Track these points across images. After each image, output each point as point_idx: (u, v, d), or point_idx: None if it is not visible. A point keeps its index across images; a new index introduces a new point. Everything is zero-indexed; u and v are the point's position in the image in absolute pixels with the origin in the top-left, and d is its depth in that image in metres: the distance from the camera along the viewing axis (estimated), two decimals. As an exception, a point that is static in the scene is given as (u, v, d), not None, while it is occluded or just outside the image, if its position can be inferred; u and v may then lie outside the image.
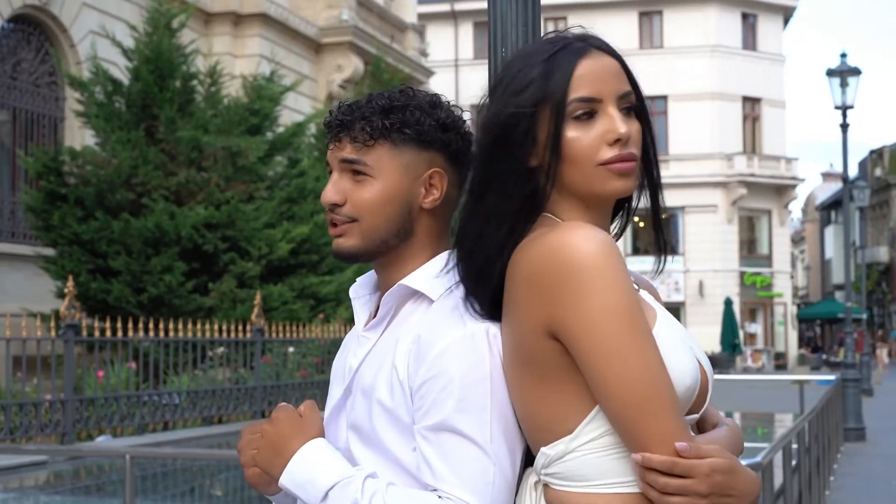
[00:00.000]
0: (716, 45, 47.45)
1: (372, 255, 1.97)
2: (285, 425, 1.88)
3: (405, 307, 1.95)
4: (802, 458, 8.79)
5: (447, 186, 1.96)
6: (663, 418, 1.65)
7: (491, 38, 2.18)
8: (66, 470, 11.07)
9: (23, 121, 19.43)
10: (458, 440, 1.77)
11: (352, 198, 1.94)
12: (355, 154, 1.94)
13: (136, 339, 13.23)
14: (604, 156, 1.79)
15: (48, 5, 19.52)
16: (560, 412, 1.73)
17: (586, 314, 1.66)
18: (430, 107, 1.97)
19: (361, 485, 1.79)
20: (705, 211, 46.92)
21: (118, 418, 12.51)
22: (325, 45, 27.05)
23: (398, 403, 1.85)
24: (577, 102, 1.79)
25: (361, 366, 1.96)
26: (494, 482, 1.76)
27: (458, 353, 1.79)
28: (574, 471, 1.72)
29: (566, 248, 1.68)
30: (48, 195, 16.37)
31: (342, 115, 1.97)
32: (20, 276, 18.17)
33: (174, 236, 15.97)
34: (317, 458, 1.84)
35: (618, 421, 1.68)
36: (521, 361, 1.75)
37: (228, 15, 24.35)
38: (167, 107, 16.72)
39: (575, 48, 1.82)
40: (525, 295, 1.73)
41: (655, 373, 1.66)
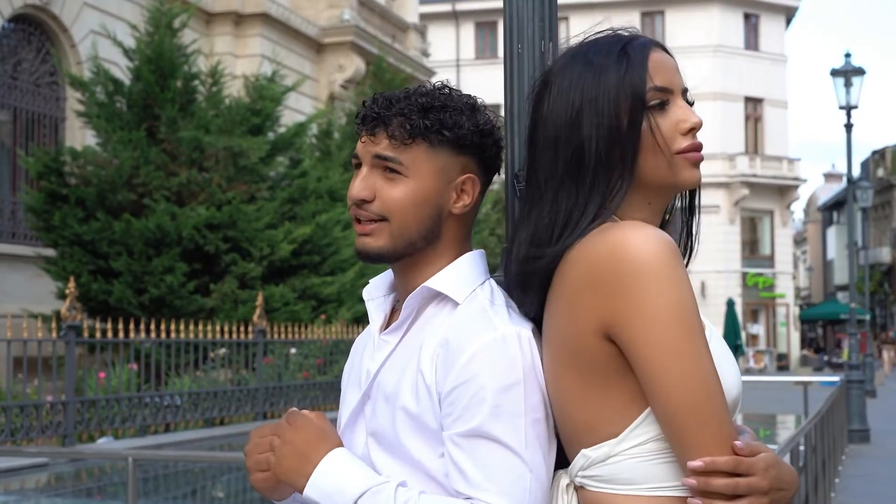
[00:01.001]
0: (718, 45, 47.43)
1: (399, 256, 1.90)
2: (309, 433, 1.81)
3: (427, 310, 1.89)
4: (809, 460, 8.70)
5: (478, 193, 1.91)
6: (718, 423, 1.63)
7: (506, 34, 2.11)
8: (67, 472, 11.03)
9: (23, 121, 19.39)
10: (492, 447, 1.72)
11: (382, 195, 1.87)
12: (391, 151, 1.86)
13: (137, 340, 13.17)
14: (680, 144, 1.79)
15: (49, 5, 19.47)
16: (607, 415, 1.70)
17: (647, 315, 1.63)
18: (469, 109, 1.91)
19: (394, 492, 1.73)
20: (707, 211, 46.86)
21: (119, 420, 12.45)
22: (326, 45, 27.02)
23: (424, 409, 1.79)
24: (654, 91, 1.78)
25: (381, 370, 1.89)
26: (531, 489, 1.72)
27: (489, 358, 1.74)
28: (616, 474, 1.70)
29: (628, 246, 1.65)
30: (49, 195, 16.32)
31: (380, 108, 1.89)
32: (21, 276, 18.12)
33: (175, 237, 15.92)
34: (343, 467, 1.77)
35: (671, 424, 1.65)
36: (567, 361, 1.72)
37: (230, 15, 24.32)
38: (168, 107, 16.67)
39: (643, 41, 1.84)
40: (580, 294, 1.69)
41: (711, 378, 1.65)
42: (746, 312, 47.98)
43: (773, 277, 48.77)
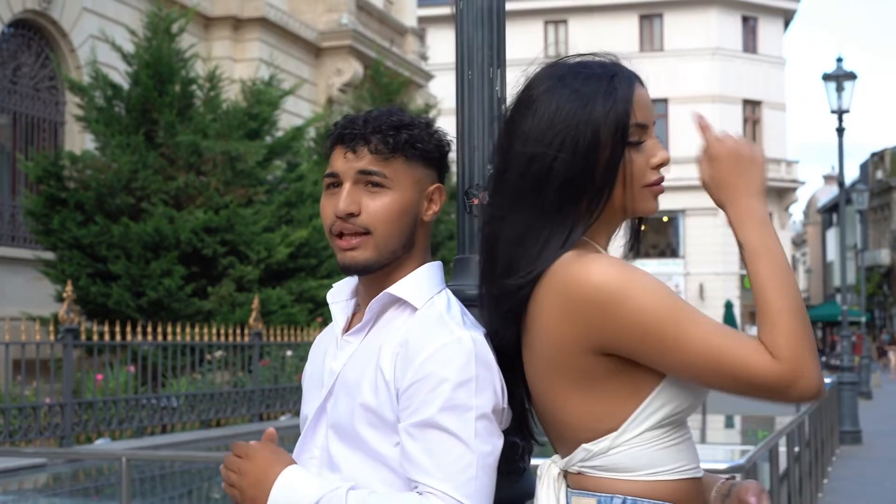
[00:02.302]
0: (716, 48, 47.53)
1: (383, 266, 2.06)
2: (258, 460, 1.98)
3: (387, 314, 2.06)
4: (791, 460, 8.84)
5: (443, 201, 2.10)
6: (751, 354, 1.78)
7: (458, 61, 2.27)
8: (64, 473, 11.17)
9: (23, 125, 19.53)
10: (443, 437, 1.89)
11: (367, 209, 2.03)
12: (375, 166, 2.03)
13: (134, 342, 13.32)
14: (650, 178, 1.97)
15: (48, 10, 19.61)
16: (605, 413, 1.89)
17: (638, 325, 1.82)
18: (427, 127, 2.10)
19: (345, 496, 1.89)
20: (706, 214, 46.93)
21: (116, 421, 12.60)
22: (324, 49, 27.14)
23: (383, 403, 1.96)
24: (634, 128, 1.94)
25: (344, 368, 2.06)
26: (477, 476, 1.88)
27: (444, 357, 1.91)
28: (618, 462, 1.88)
29: (595, 280, 1.84)
30: (48, 199, 16.47)
31: (360, 126, 2.05)
32: (20, 279, 18.26)
33: (173, 240, 16.06)
34: (297, 481, 1.94)
35: (719, 382, 1.82)
36: (556, 374, 1.91)
37: (228, 19, 24.44)
38: (166, 111, 16.81)
39: (629, 75, 1.98)
40: (560, 322, 1.87)
41: (713, 330, 1.81)
42: (745, 314, 48.06)
43: (771, 279, 48.82)
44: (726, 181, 1.90)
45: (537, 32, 49.02)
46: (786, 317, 1.78)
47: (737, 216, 1.88)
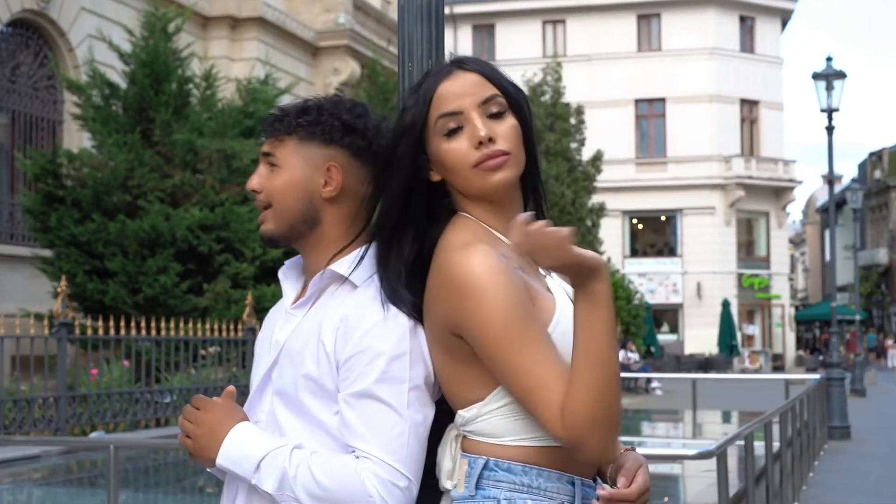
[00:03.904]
0: (714, 48, 47.58)
1: (287, 238, 2.28)
2: (214, 414, 2.17)
3: (329, 289, 2.23)
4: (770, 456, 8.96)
5: (345, 179, 2.25)
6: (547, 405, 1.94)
7: (400, 53, 2.43)
8: (59, 463, 11.33)
9: (22, 124, 19.68)
10: (378, 406, 2.07)
11: (266, 185, 2.27)
12: (270, 148, 2.27)
13: (128, 337, 13.48)
14: (473, 158, 2.09)
15: (46, 9, 19.77)
16: (473, 385, 2.06)
17: (478, 323, 1.99)
18: (344, 110, 2.27)
19: (289, 454, 2.08)
20: (703, 213, 47.05)
21: (110, 415, 12.77)
22: (322, 48, 27.30)
23: (323, 373, 2.13)
24: (443, 118, 2.11)
25: (289, 340, 2.24)
26: (408, 443, 2.07)
27: (382, 332, 2.09)
28: (485, 429, 2.06)
29: (460, 270, 2.00)
30: (46, 197, 16.62)
31: (270, 115, 2.30)
32: (19, 277, 18.43)
33: (169, 238, 16.22)
34: (246, 437, 2.13)
35: (518, 400, 2.02)
36: (438, 345, 2.09)
37: (226, 19, 24.59)
38: (163, 110, 16.97)
39: (441, 72, 2.15)
40: (436, 299, 2.06)
41: (539, 366, 1.96)
42: (742, 313, 48.11)
43: (768, 279, 48.91)
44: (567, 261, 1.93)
45: (535, 32, 49.10)
46: (586, 397, 1.91)
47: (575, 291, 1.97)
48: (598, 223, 37.18)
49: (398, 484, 2.04)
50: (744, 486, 7.37)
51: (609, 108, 46.97)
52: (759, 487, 8.47)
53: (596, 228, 36.94)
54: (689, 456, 6.34)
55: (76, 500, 10.08)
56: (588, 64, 47.81)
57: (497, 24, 49.65)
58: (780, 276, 50.13)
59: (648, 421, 21.18)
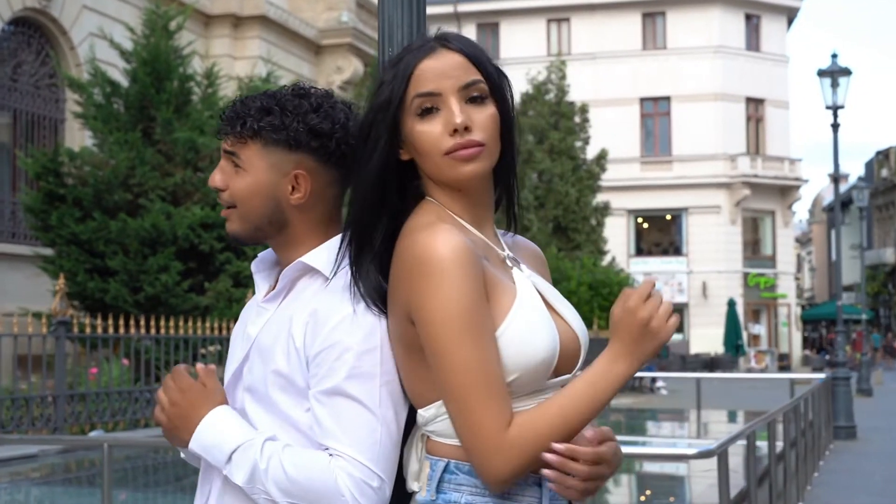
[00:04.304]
0: (719, 46, 47.48)
1: (253, 239, 2.19)
2: (191, 395, 2.08)
3: (300, 282, 2.14)
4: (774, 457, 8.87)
5: (313, 185, 2.14)
6: (478, 413, 1.86)
7: (380, 38, 2.35)
8: (57, 463, 11.28)
9: (23, 122, 19.65)
10: (349, 403, 1.97)
11: (231, 186, 2.16)
12: (233, 147, 2.15)
13: (127, 336, 13.42)
14: (446, 145, 1.97)
15: (48, 8, 19.73)
16: (430, 382, 1.94)
17: (427, 310, 1.88)
18: (310, 111, 2.14)
19: (261, 447, 1.99)
20: (709, 212, 46.95)
21: (109, 414, 12.71)
22: (324, 46, 27.26)
23: (294, 369, 2.04)
24: (419, 98, 1.98)
25: (259, 334, 2.15)
26: (381, 441, 1.97)
27: (351, 327, 1.99)
28: (444, 429, 1.95)
29: (423, 248, 1.89)
30: (47, 196, 16.58)
31: (230, 110, 2.18)
32: (20, 275, 18.38)
33: (171, 236, 16.16)
34: (221, 424, 2.04)
35: (449, 411, 1.91)
36: (396, 338, 1.98)
37: (228, 17, 24.55)
38: (164, 108, 16.92)
39: (423, 49, 2.01)
40: (397, 284, 1.95)
41: (475, 372, 1.86)
42: (748, 313, 48.01)
43: (774, 278, 48.80)
44: (622, 336, 1.91)
45: (540, 31, 49.03)
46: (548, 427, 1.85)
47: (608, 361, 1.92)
48: (603, 222, 37.12)
49: (371, 483, 1.96)
50: (746, 486, 7.29)
51: (614, 107, 46.89)
52: (763, 487, 8.39)
53: (600, 227, 36.89)
54: (690, 455, 6.26)
55: (73, 499, 10.02)
56: (593, 62, 47.73)
57: (501, 23, 49.58)
58: (786, 276, 50.00)
59: (653, 420, 21.11)
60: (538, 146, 35.94)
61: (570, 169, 35.95)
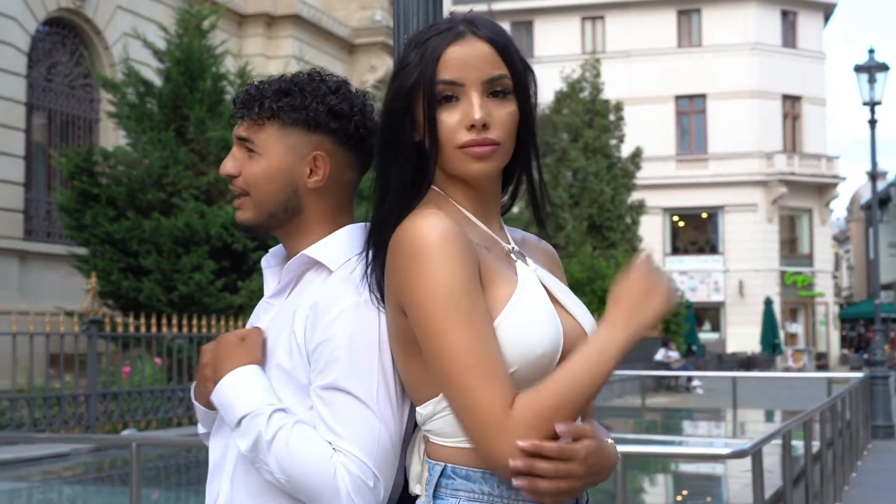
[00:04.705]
0: (755, 43, 47.16)
1: (264, 227, 2.12)
2: (225, 347, 2.03)
3: (306, 276, 2.07)
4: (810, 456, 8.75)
5: (331, 168, 2.08)
6: (477, 394, 1.77)
7: (395, 25, 2.30)
8: (89, 461, 11.29)
9: (58, 122, 19.75)
10: (347, 399, 1.90)
11: (244, 172, 2.09)
12: (247, 132, 2.08)
13: (159, 335, 13.44)
14: (461, 139, 1.90)
15: (82, 8, 19.81)
16: (427, 377, 1.87)
17: (415, 294, 1.80)
18: (329, 93, 2.09)
19: (267, 419, 1.93)
20: (745, 210, 46.64)
21: (141, 413, 12.72)
22: (358, 45, 27.27)
23: (296, 365, 1.98)
24: (441, 85, 1.90)
25: (266, 330, 2.08)
26: (380, 439, 1.90)
27: (348, 320, 1.92)
28: (444, 428, 1.87)
29: (410, 233, 1.82)
30: (81, 195, 16.65)
31: (245, 94, 2.11)
32: (55, 275, 18.48)
33: (204, 235, 16.19)
34: (240, 386, 1.98)
35: (447, 391, 1.82)
36: (392, 332, 1.91)
37: (261, 16, 24.61)
38: (197, 107, 16.95)
39: (451, 33, 1.92)
40: (388, 275, 1.88)
41: (469, 354, 1.78)
42: (785, 311, 47.64)
43: (811, 276, 48.41)
44: (622, 305, 1.86)
45: (574, 29, 48.88)
46: (552, 403, 1.76)
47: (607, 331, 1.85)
48: (638, 220, 36.95)
49: (367, 482, 1.89)
50: (782, 486, 7.19)
51: (649, 105, 46.68)
52: (799, 488, 8.28)
53: (636, 226, 36.71)
54: (724, 455, 6.19)
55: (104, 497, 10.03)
56: (628, 60, 47.53)
57: (536, 21, 49.44)
58: (823, 274, 49.61)
59: (689, 420, 20.99)
60: (573, 144, 35.83)
61: (604, 167, 35.81)
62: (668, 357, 30.91)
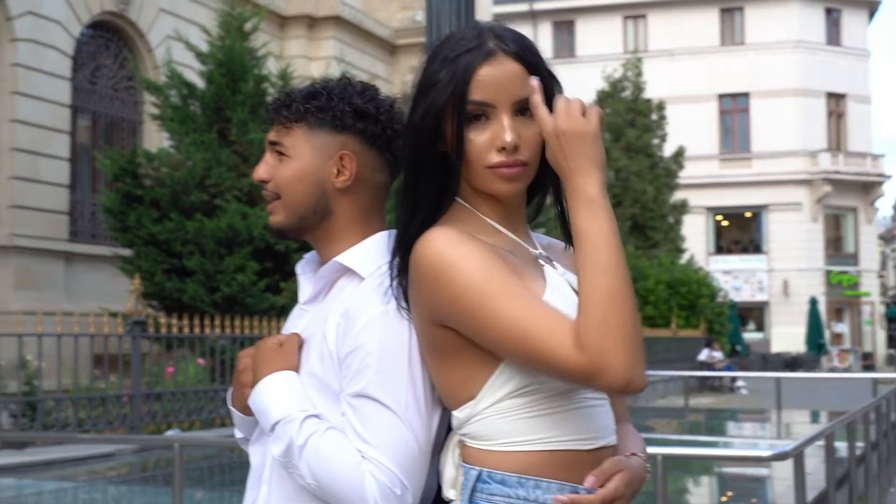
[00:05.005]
0: (799, 41, 46.84)
1: (296, 230, 2.15)
2: (263, 352, 2.08)
3: (339, 282, 2.10)
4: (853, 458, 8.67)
5: (359, 168, 2.11)
6: (552, 338, 1.77)
7: (428, 29, 2.30)
8: (134, 462, 11.39)
9: (102, 125, 19.93)
10: (376, 407, 1.93)
11: (274, 175, 2.14)
12: (277, 136, 2.14)
13: (202, 335, 13.53)
14: (491, 160, 1.92)
15: (126, 11, 19.98)
16: (463, 381, 1.90)
17: (451, 301, 1.83)
18: (355, 94, 2.12)
19: (299, 425, 1.96)
20: (789, 209, 46.34)
21: (185, 413, 12.82)
22: (399, 46, 27.33)
23: (328, 372, 2.01)
24: (472, 105, 1.91)
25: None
26: (408, 446, 1.93)
27: (378, 328, 1.95)
28: (479, 432, 1.90)
29: (424, 254, 1.87)
30: (125, 197, 16.77)
31: (276, 100, 2.16)
32: (100, 276, 18.66)
33: (246, 236, 16.26)
34: (275, 391, 2.02)
35: (526, 363, 1.82)
36: (424, 343, 1.94)
37: (303, 18, 24.72)
38: (239, 109, 17.03)
39: (481, 52, 1.93)
40: (412, 295, 1.92)
41: (528, 308, 1.80)
42: (830, 311, 47.26)
43: (857, 275, 48.01)
44: (559, 163, 1.85)
45: (616, 28, 48.76)
46: (598, 305, 1.75)
47: (569, 198, 1.85)
48: (681, 220, 36.81)
49: (394, 490, 1.91)
50: (825, 489, 7.14)
51: (692, 104, 46.49)
52: (842, 490, 8.21)
53: (678, 225, 36.58)
54: (765, 458, 6.12)
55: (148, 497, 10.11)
56: (670, 59, 47.35)
57: (577, 21, 49.35)
58: (869, 273, 49.19)
59: (732, 420, 20.86)
60: (615, 144, 35.75)
61: (647, 167, 35.71)
62: (711, 357, 30.75)
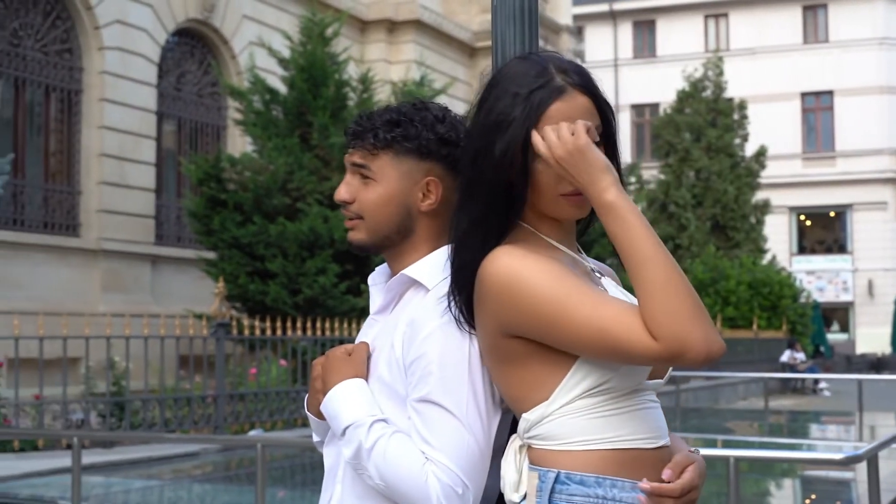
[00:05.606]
0: (884, 38, 46.08)
1: (378, 248, 2.28)
2: (333, 361, 2.22)
3: (407, 294, 2.24)
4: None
5: (443, 192, 2.24)
6: (630, 330, 1.88)
7: (493, 54, 2.42)
8: (218, 461, 11.63)
9: (188, 130, 20.30)
10: (439, 412, 2.07)
11: (359, 197, 2.26)
12: (363, 160, 2.25)
13: (284, 337, 13.76)
14: (564, 189, 2.04)
15: (210, 18, 20.33)
16: (535, 384, 2.01)
17: (529, 309, 1.95)
18: (435, 121, 2.25)
19: (368, 429, 2.10)
20: (874, 208, 45.62)
21: (267, 413, 13.05)
22: (479, 49, 27.40)
23: (395, 378, 2.15)
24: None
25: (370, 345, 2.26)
26: (468, 448, 2.06)
27: (439, 338, 2.09)
28: (552, 431, 2.00)
29: (492, 271, 1.99)
30: (209, 201, 17.07)
31: (356, 125, 2.28)
32: (186, 278, 19.02)
33: (328, 239, 16.46)
34: (346, 398, 2.16)
35: (607, 357, 1.94)
36: (492, 353, 2.05)
37: (383, 22, 24.88)
38: (320, 114, 17.22)
39: (552, 88, 2.04)
40: (480, 309, 2.04)
41: (603, 305, 1.93)
42: (917, 312, 46.45)
43: (945, 275, 47.11)
44: (575, 184, 1.98)
45: (697, 27, 48.36)
46: (651, 294, 1.87)
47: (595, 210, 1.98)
48: (763, 220, 36.43)
49: (456, 489, 2.04)
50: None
51: (774, 103, 45.97)
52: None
53: (760, 225, 36.21)
54: (837, 461, 6.12)
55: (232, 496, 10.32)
56: (752, 57, 46.87)
57: (658, 20, 49.02)
58: (956, 273, 48.23)
59: (814, 422, 20.65)
60: (695, 144, 35.50)
61: (728, 166, 35.40)
62: (793, 359, 30.41)
